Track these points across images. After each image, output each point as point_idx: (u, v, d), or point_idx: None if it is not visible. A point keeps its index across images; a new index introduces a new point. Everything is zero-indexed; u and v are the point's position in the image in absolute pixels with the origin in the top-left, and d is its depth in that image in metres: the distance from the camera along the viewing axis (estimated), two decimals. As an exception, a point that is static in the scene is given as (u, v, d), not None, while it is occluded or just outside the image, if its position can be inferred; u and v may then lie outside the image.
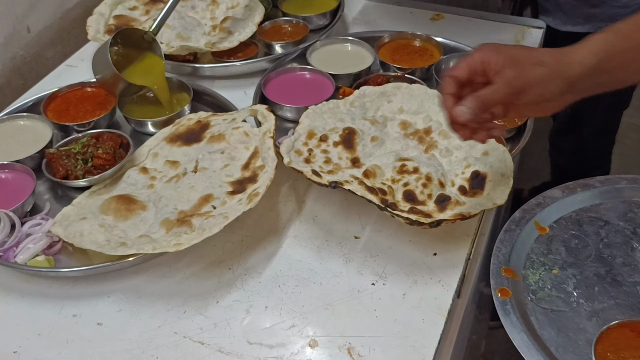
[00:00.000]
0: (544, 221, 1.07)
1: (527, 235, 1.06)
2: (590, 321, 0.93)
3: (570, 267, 1.01)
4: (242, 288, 1.03)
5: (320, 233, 1.11)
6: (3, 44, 1.48)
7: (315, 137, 1.17)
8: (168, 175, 1.16)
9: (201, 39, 1.50)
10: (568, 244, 1.04)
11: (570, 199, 1.10)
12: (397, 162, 1.13)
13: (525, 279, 1.00)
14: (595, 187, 1.12)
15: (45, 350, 0.96)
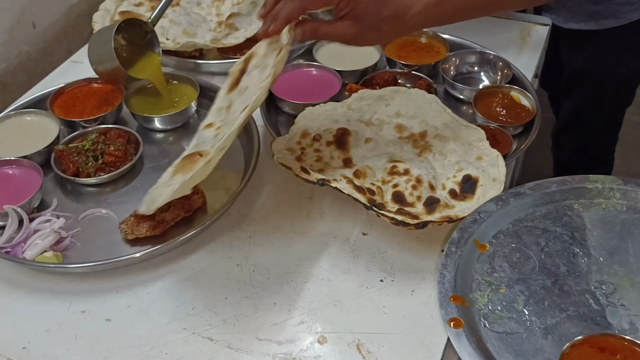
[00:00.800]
0: (482, 238, 1.04)
1: (469, 255, 1.02)
2: (546, 339, 0.91)
3: (516, 284, 0.98)
4: (250, 284, 1.03)
5: (328, 230, 1.11)
6: (8, 40, 1.47)
7: (309, 136, 1.18)
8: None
9: (207, 35, 1.50)
10: (510, 258, 1.01)
11: (504, 210, 1.07)
12: (389, 163, 1.13)
13: (474, 303, 0.96)
14: (527, 194, 1.09)
15: (54, 346, 0.96)
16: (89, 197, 1.19)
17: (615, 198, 1.08)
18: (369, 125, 1.21)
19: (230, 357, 0.93)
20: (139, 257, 1.04)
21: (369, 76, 1.38)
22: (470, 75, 1.42)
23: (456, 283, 0.97)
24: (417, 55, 1.44)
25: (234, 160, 1.23)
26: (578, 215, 1.07)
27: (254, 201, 1.17)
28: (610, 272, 0.98)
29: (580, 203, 1.08)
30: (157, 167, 1.24)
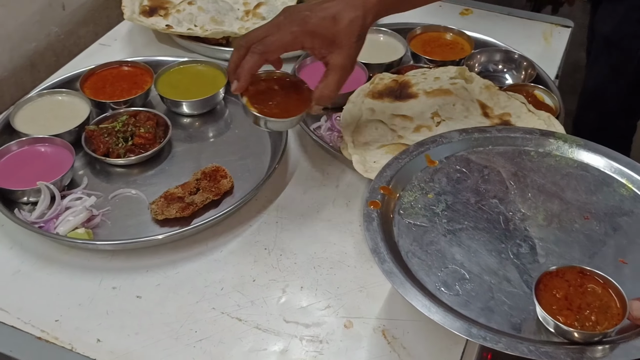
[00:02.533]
0: (435, 156, 1.09)
1: (415, 165, 1.07)
2: (445, 237, 0.96)
3: (445, 195, 1.03)
4: (277, 268, 1.05)
5: (353, 218, 1.13)
6: (39, 20, 1.49)
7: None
8: (409, 127, 1.21)
9: (234, 23, 1.52)
10: (451, 176, 1.06)
11: (465, 141, 1.11)
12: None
13: (401, 198, 1.02)
14: (492, 133, 1.13)
15: (85, 320, 0.98)
16: (117, 177, 1.20)
17: (571, 155, 1.10)
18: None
19: (258, 338, 0.96)
20: (169, 237, 1.06)
21: (395, 70, 1.40)
22: (494, 74, 1.44)
23: (392, 180, 1.03)
24: (441, 51, 1.46)
25: (263, 148, 1.25)
26: (530, 160, 1.09)
27: (281, 188, 1.19)
28: (531, 206, 1.01)
29: (538, 152, 1.10)
30: (185, 151, 1.26)
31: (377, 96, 1.27)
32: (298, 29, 1.00)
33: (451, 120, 1.21)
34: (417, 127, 1.20)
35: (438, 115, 1.22)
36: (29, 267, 1.05)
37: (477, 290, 0.89)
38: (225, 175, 1.14)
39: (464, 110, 1.23)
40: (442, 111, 1.23)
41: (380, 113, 1.23)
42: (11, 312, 0.98)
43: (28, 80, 1.49)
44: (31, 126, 1.24)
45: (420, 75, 1.32)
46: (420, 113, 1.23)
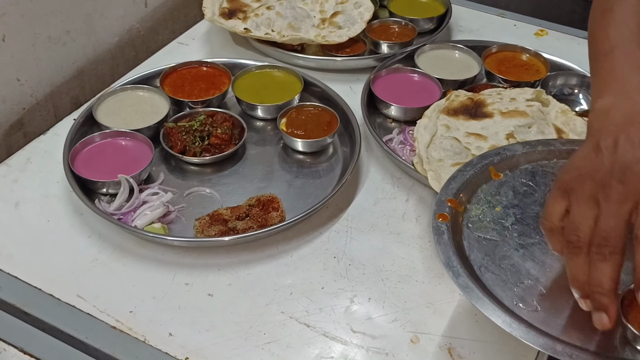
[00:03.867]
0: (499, 169, 1.07)
1: (480, 177, 1.06)
2: (517, 251, 0.95)
3: (512, 208, 1.01)
4: (346, 277, 1.07)
5: (423, 233, 1.14)
6: (123, 16, 1.53)
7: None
8: (484, 146, 1.21)
9: (310, 30, 1.54)
10: (517, 190, 1.04)
11: (529, 153, 1.10)
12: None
13: (468, 211, 1.01)
14: (556, 146, 1.11)
15: (159, 313, 1.00)
16: (192, 175, 1.23)
17: None
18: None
19: (325, 345, 0.97)
20: (242, 239, 1.08)
21: (469, 87, 1.40)
22: (569, 97, 1.43)
23: (458, 192, 1.02)
24: (516, 71, 1.46)
25: (335, 155, 1.27)
26: None
27: (352, 198, 1.20)
28: None
29: None
30: (258, 154, 1.28)
31: (452, 113, 1.27)
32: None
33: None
34: (491, 146, 1.20)
35: (513, 137, 1.21)
36: (106, 257, 1.08)
37: (556, 307, 0.88)
38: (277, 208, 1.13)
39: (539, 133, 1.23)
40: (517, 133, 1.22)
41: (455, 130, 1.24)
42: (88, 300, 1.01)
43: (107, 73, 1.54)
44: (113, 119, 1.28)
45: (495, 94, 1.32)
46: (495, 133, 1.23)
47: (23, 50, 1.31)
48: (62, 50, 1.40)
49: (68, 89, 1.45)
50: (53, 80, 1.40)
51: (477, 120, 1.26)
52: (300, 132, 1.28)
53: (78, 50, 1.44)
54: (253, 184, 1.21)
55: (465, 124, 1.26)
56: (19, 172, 1.23)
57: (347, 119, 1.31)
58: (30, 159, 1.26)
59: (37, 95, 1.37)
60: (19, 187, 1.20)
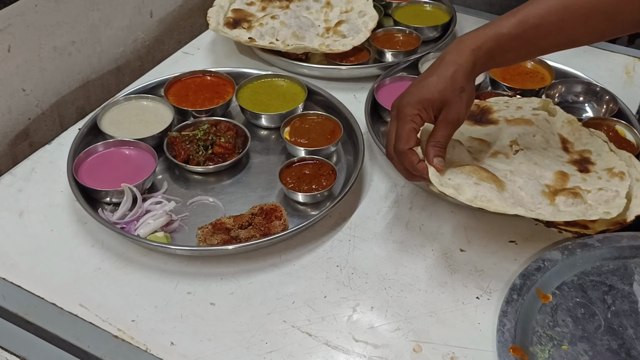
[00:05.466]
0: (545, 288, 1.01)
1: (530, 305, 0.99)
2: None
3: (580, 342, 0.94)
4: (349, 286, 1.06)
5: (426, 242, 1.14)
6: (128, 26, 1.54)
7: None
8: (486, 151, 1.21)
9: (315, 39, 1.54)
10: (574, 313, 0.98)
11: (569, 261, 1.04)
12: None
13: (535, 357, 0.93)
14: (595, 246, 1.06)
15: (161, 322, 1.00)
16: (195, 184, 1.24)
17: None
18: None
19: (327, 354, 0.97)
20: (244, 248, 1.08)
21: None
22: (574, 105, 1.42)
23: (516, 333, 0.95)
24: (521, 79, 1.45)
25: (339, 166, 1.27)
26: None
27: (355, 206, 1.20)
28: None
29: None
30: (261, 163, 1.28)
31: None
32: (413, 111, 1.03)
33: (529, 150, 1.20)
34: (494, 152, 1.20)
35: (517, 144, 1.21)
36: (109, 266, 1.08)
37: None
38: (280, 217, 1.13)
39: (544, 141, 1.22)
40: (521, 140, 1.22)
41: (459, 134, 1.23)
42: (90, 309, 1.01)
43: (113, 83, 1.55)
44: (117, 128, 1.28)
45: (502, 103, 1.32)
46: (499, 139, 1.22)
47: (28, 61, 1.32)
48: (68, 61, 1.41)
49: (74, 99, 1.45)
50: (59, 90, 1.41)
51: (482, 126, 1.26)
52: (304, 141, 1.28)
53: (83, 61, 1.45)
54: (256, 192, 1.21)
55: (470, 129, 1.25)
56: (24, 182, 1.23)
57: (350, 127, 1.31)
58: (35, 169, 1.26)
59: (42, 105, 1.38)
60: (24, 196, 1.20)
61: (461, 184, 1.06)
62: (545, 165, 1.16)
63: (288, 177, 1.20)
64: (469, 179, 1.07)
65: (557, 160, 1.18)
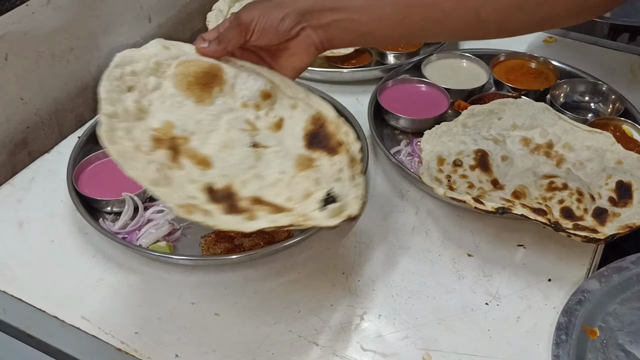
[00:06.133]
0: (590, 322, 0.97)
1: (580, 343, 0.94)
2: None
3: None
4: (356, 294, 1.04)
5: (433, 247, 1.12)
6: (127, 31, 1.52)
7: (446, 162, 1.18)
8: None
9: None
10: (624, 347, 0.94)
11: (607, 288, 1.00)
12: (542, 180, 1.14)
13: None
14: (630, 269, 1.03)
15: (165, 334, 0.98)
16: (197, 191, 1.22)
17: None
18: (497, 143, 1.21)
19: (335, 364, 0.95)
20: (248, 256, 1.06)
21: (477, 96, 1.38)
22: (580, 105, 1.41)
23: None
24: (525, 79, 1.43)
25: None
26: None
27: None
28: None
29: None
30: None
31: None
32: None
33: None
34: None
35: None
36: (111, 277, 1.06)
37: None
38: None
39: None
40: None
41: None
42: (92, 321, 1.00)
43: (112, 90, 1.52)
44: (117, 136, 1.26)
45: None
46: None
47: (26, 69, 1.30)
48: (66, 68, 1.39)
49: (72, 107, 1.44)
50: (57, 98, 1.39)
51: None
52: (307, 146, 1.26)
53: (82, 68, 1.43)
54: (259, 199, 1.20)
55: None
56: (23, 192, 1.22)
57: (354, 131, 1.28)
58: (34, 178, 1.25)
59: (41, 113, 1.36)
60: (23, 207, 1.19)
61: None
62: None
63: None
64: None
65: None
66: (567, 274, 1.07)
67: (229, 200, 0.88)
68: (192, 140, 0.94)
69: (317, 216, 0.85)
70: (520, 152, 1.21)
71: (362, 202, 0.87)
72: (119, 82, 0.95)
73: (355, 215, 0.86)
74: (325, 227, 0.84)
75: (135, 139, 0.90)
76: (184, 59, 1.01)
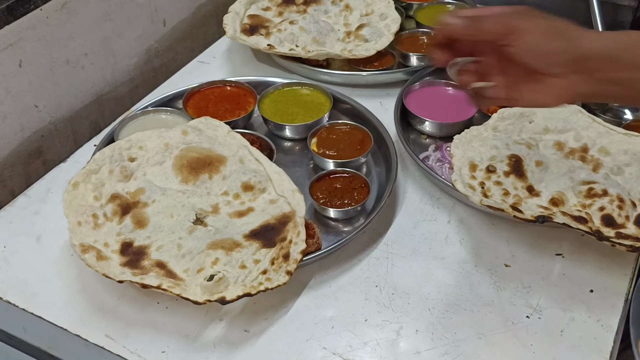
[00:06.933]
0: None
1: None
2: None
3: None
4: (390, 307, 1.00)
5: (468, 257, 1.07)
6: (141, 35, 1.49)
7: (479, 168, 1.13)
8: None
9: (336, 44, 1.48)
10: None
11: None
12: (580, 186, 1.09)
13: None
14: None
15: (193, 352, 0.94)
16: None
17: None
18: (529, 147, 1.17)
19: (372, 383, 0.91)
20: (277, 269, 1.02)
21: (506, 99, 1.33)
22: (612, 106, 1.36)
23: None
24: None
25: (370, 178, 1.20)
26: None
27: (390, 220, 1.14)
28: None
29: None
30: (289, 175, 1.22)
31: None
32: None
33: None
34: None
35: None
36: (135, 292, 1.02)
37: None
38: (313, 235, 1.05)
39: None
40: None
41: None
42: (117, 340, 0.95)
43: (127, 96, 1.49)
44: (135, 145, 1.22)
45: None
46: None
47: (40, 76, 1.26)
48: (81, 74, 1.35)
49: (87, 114, 1.39)
50: (72, 105, 1.35)
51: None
52: (332, 152, 1.22)
53: (97, 73, 1.39)
54: (285, 209, 1.15)
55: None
56: (40, 203, 1.17)
57: (380, 136, 1.25)
58: (50, 189, 1.20)
59: (55, 121, 1.32)
60: (40, 219, 1.14)
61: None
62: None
63: (318, 191, 1.14)
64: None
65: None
66: (609, 284, 1.03)
67: (136, 257, 0.99)
68: (149, 206, 1.06)
69: (191, 287, 0.94)
70: (554, 157, 1.16)
71: (244, 294, 0.92)
72: (121, 152, 1.11)
73: (228, 300, 0.92)
74: (191, 300, 0.92)
75: (98, 192, 1.06)
76: (190, 146, 1.14)
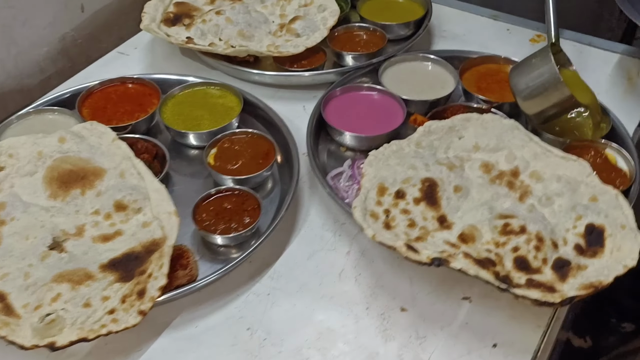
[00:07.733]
0: None
1: None
2: None
3: None
4: (258, 357, 0.87)
5: (361, 298, 0.94)
6: (52, 22, 1.36)
7: (388, 192, 0.97)
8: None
9: (265, 39, 1.34)
10: None
11: None
12: (497, 219, 0.94)
13: None
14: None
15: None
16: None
17: None
18: (451, 169, 1.01)
19: None
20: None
21: (441, 108, 1.18)
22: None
23: None
24: (499, 88, 1.23)
25: (273, 196, 1.08)
26: None
27: (283, 248, 1.01)
28: None
29: None
30: (183, 191, 1.09)
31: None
32: None
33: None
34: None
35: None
36: None
37: None
38: (186, 265, 0.93)
39: None
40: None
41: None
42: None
43: (36, 88, 1.36)
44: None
45: None
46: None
47: None
48: (-25, 66, 1.23)
49: (-16, 108, 1.28)
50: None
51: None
52: (232, 166, 1.08)
53: (-5, 64, 1.27)
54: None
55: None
56: None
57: (288, 148, 1.11)
58: None
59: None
60: None
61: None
62: None
63: (205, 212, 1.01)
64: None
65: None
66: (517, 338, 0.89)
67: None
68: (6, 225, 0.95)
69: (24, 327, 0.84)
70: (478, 181, 1.02)
71: (79, 339, 0.82)
72: None
73: (58, 346, 0.81)
74: (17, 344, 0.82)
75: None
76: (65, 156, 1.03)
